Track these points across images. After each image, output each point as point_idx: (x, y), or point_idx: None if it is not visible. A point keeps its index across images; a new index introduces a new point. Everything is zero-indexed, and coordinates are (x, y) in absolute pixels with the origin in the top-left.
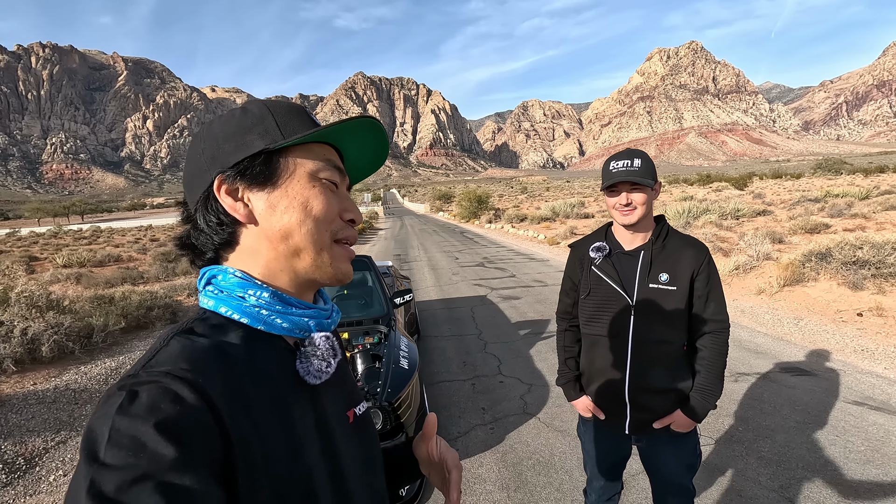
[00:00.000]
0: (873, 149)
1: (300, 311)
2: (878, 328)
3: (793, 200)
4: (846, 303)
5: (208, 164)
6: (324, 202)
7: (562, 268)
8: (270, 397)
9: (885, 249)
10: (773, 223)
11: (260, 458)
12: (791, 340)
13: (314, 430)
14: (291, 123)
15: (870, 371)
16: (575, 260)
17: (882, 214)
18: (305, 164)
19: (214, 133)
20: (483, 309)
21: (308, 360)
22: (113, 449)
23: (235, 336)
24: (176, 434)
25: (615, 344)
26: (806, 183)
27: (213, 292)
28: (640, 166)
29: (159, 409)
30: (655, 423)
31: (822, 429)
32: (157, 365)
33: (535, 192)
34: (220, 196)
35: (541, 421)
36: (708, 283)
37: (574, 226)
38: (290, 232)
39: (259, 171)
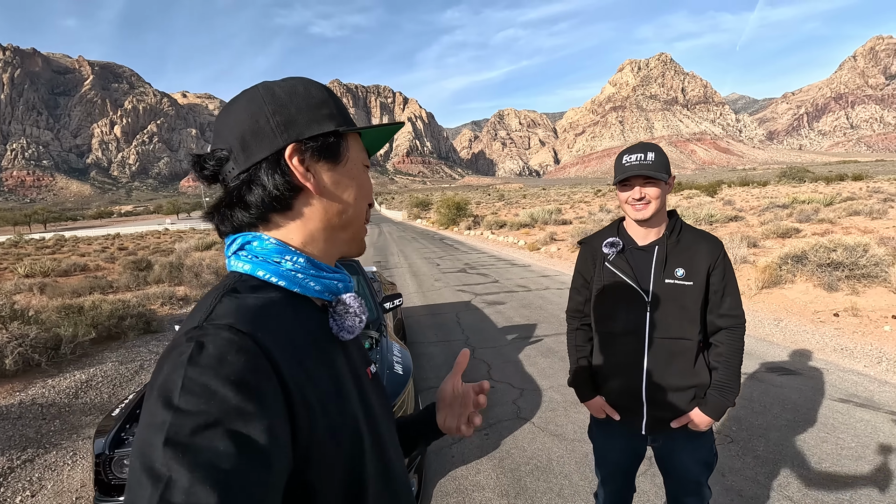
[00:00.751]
0: (832, 158)
1: (330, 274)
2: (855, 328)
3: (762, 207)
4: (823, 303)
5: (280, 129)
6: (369, 185)
7: (544, 272)
8: (315, 348)
9: (857, 252)
10: (746, 228)
11: (315, 399)
12: (773, 341)
13: (350, 378)
14: (344, 112)
15: (851, 369)
16: (587, 256)
17: (846, 219)
18: (356, 149)
19: (282, 101)
20: (468, 314)
21: (341, 317)
22: (187, 395)
23: (276, 295)
24: (243, 383)
25: (631, 341)
26: (772, 190)
27: (247, 257)
28: (653, 160)
29: (226, 360)
30: (673, 421)
31: (813, 427)
32: (217, 318)
33: (512, 200)
34: (291, 163)
35: (535, 425)
36: (724, 277)
37: (553, 231)
38: (346, 207)
39: (333, 149)
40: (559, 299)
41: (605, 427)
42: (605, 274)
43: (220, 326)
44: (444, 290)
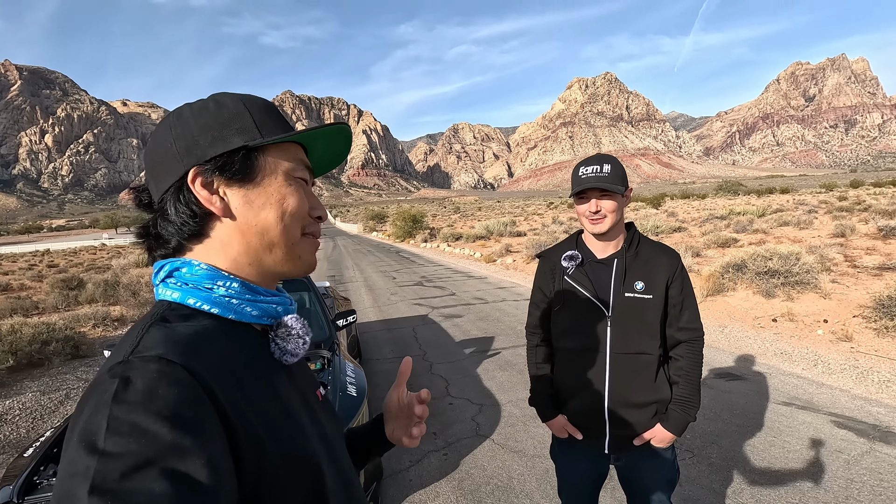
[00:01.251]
0: (762, 172)
1: (268, 298)
2: (792, 332)
3: (702, 218)
4: (762, 310)
5: (181, 154)
6: (298, 200)
7: (500, 284)
8: (256, 375)
9: (790, 260)
10: (689, 239)
11: (261, 426)
12: (719, 347)
13: (299, 402)
14: (267, 122)
15: (791, 372)
16: (546, 270)
17: (777, 230)
18: (282, 163)
19: (187, 123)
20: (425, 329)
21: (284, 341)
22: (113, 437)
23: (209, 323)
24: (177, 416)
25: (592, 357)
26: (711, 203)
27: (176, 284)
28: (609, 172)
29: (156, 394)
30: (636, 439)
31: (761, 431)
32: (145, 350)
33: (467, 212)
34: (194, 188)
35: (495, 442)
36: (682, 290)
37: (509, 243)
38: (266, 228)
39: (239, 168)
40: (516, 311)
41: (567, 447)
42: (565, 288)
43: (147, 358)
44: (401, 304)
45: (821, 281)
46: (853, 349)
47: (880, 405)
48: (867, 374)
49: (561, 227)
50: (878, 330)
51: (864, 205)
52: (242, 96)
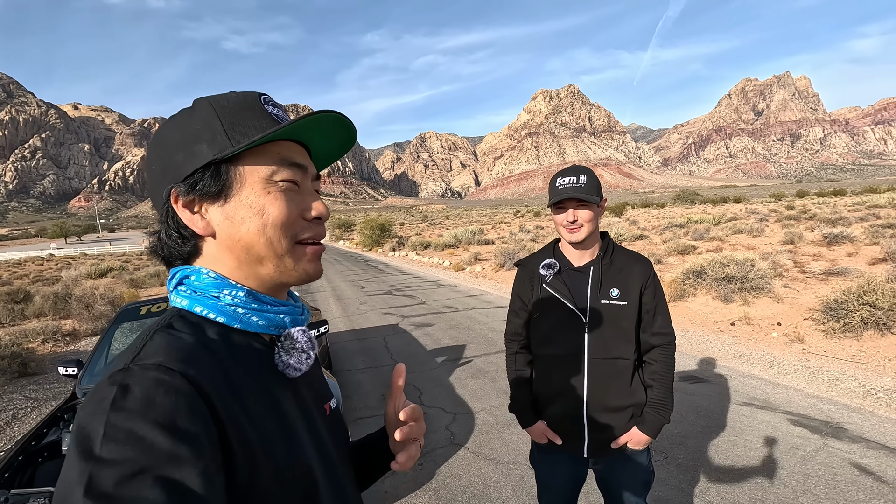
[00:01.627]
0: (716, 182)
1: (275, 308)
2: (749, 335)
3: (662, 226)
4: (721, 314)
5: (160, 176)
6: (280, 208)
7: (470, 292)
8: (256, 387)
9: (746, 266)
10: (651, 246)
11: (257, 441)
12: (683, 351)
13: (301, 418)
14: (241, 124)
15: (749, 374)
16: (524, 278)
17: (732, 237)
18: (258, 169)
19: (164, 140)
20: (396, 338)
21: (288, 353)
22: (109, 444)
23: (214, 333)
24: (173, 425)
25: (571, 363)
26: (669, 211)
27: (186, 292)
28: (585, 183)
29: (154, 402)
30: (613, 442)
31: (724, 431)
32: (146, 357)
33: (435, 220)
34: (177, 209)
35: (470, 451)
36: (655, 296)
37: (477, 252)
38: (249, 243)
39: (209, 184)
40: (486, 319)
41: (547, 452)
42: (543, 296)
43: (147, 366)
44: (371, 314)
45: (774, 286)
46: (805, 350)
47: (830, 402)
48: (818, 374)
49: (528, 234)
50: (826, 332)
51: (809, 213)
52: (214, 99)
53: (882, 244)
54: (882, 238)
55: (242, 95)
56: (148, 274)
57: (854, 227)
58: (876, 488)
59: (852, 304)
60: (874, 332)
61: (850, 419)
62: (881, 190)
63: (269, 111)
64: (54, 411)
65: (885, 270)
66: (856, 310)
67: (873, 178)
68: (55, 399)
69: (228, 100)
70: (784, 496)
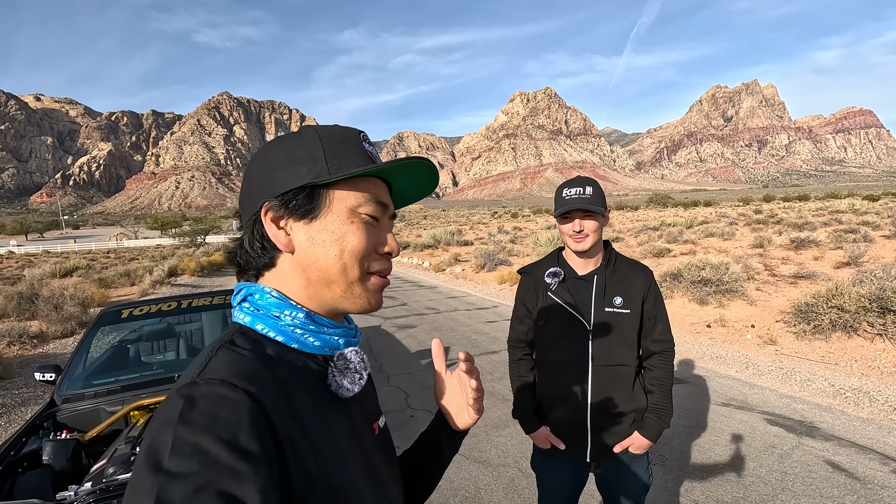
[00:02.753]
0: (687, 186)
1: (331, 330)
2: (724, 337)
3: (636, 229)
4: (697, 316)
5: (258, 189)
6: (360, 238)
7: (451, 294)
8: (311, 407)
9: (721, 269)
10: (627, 249)
11: (311, 460)
12: None
13: (352, 438)
14: (340, 155)
15: (726, 375)
16: (529, 286)
17: (704, 240)
18: (347, 198)
19: (269, 158)
20: (379, 340)
21: (341, 374)
22: (177, 457)
23: (272, 351)
24: (236, 441)
25: (575, 370)
26: (643, 214)
27: (249, 309)
28: (591, 194)
29: (218, 417)
30: (616, 446)
31: (705, 431)
32: (210, 373)
33: (413, 221)
34: (265, 222)
35: (459, 454)
36: (656, 304)
37: (457, 253)
38: (324, 266)
39: (300, 204)
40: (469, 320)
41: (549, 457)
42: (548, 303)
43: (212, 381)
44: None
45: (747, 289)
46: (777, 352)
47: (804, 402)
48: (791, 375)
49: (507, 236)
50: (797, 334)
51: (776, 217)
52: (323, 128)
53: (846, 248)
54: (845, 243)
55: (345, 130)
56: (117, 273)
57: (819, 232)
58: (849, 485)
59: (821, 308)
60: (842, 334)
61: (822, 418)
62: (842, 196)
63: (366, 148)
64: (32, 419)
65: (851, 274)
66: (825, 313)
67: (834, 183)
68: (24, 405)
69: (333, 131)
70: (764, 493)
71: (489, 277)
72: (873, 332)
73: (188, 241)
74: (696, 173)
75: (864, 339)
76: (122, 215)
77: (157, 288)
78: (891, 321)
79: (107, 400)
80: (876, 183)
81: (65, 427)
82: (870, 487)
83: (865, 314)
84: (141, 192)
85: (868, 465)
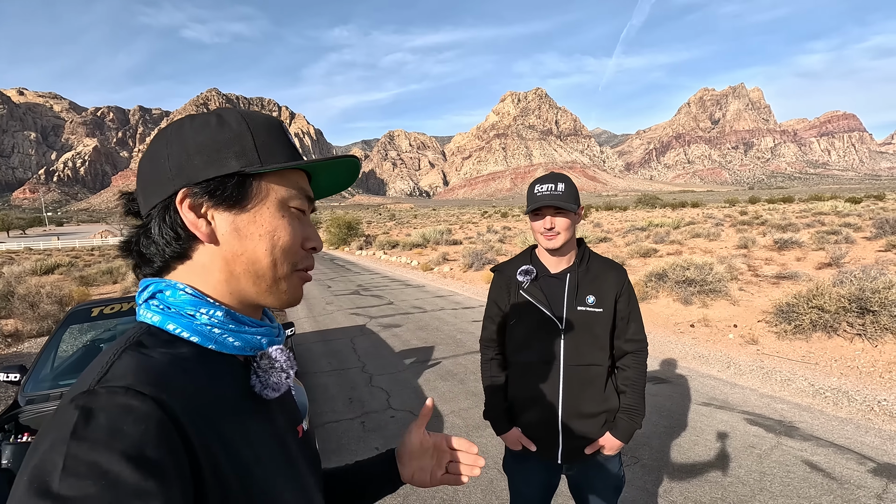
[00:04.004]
0: (675, 187)
1: (252, 329)
2: (707, 337)
3: (625, 229)
4: (681, 316)
5: (173, 172)
6: (290, 233)
7: (438, 293)
8: (230, 412)
9: (705, 270)
10: (615, 249)
11: (231, 472)
12: None
13: (274, 442)
14: (270, 146)
15: (708, 374)
16: (501, 284)
17: (691, 241)
18: (278, 191)
19: (185, 140)
20: (364, 339)
21: (266, 374)
22: (69, 479)
23: (187, 353)
24: (142, 457)
25: (546, 370)
26: (631, 214)
27: (158, 307)
28: (563, 191)
29: (121, 431)
30: (587, 448)
31: (685, 431)
32: (113, 379)
33: (403, 220)
34: (181, 209)
35: None
36: (629, 303)
37: (446, 252)
38: (252, 259)
39: (231, 194)
40: (455, 320)
41: (521, 459)
42: (520, 302)
43: (114, 389)
44: (337, 314)
45: (730, 289)
46: (759, 351)
47: (783, 402)
48: (771, 374)
49: (496, 235)
50: (778, 333)
51: (761, 219)
52: (248, 114)
53: (827, 250)
54: (827, 244)
55: (268, 118)
56: (100, 271)
57: (802, 233)
58: (826, 485)
59: (802, 308)
60: (822, 334)
61: (801, 418)
62: (825, 198)
63: (290, 139)
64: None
65: (831, 275)
66: (805, 313)
67: (818, 186)
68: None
69: (258, 118)
70: (742, 494)
71: (477, 277)
72: (853, 332)
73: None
74: (684, 174)
75: (843, 339)
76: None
77: None
78: (870, 321)
79: None
80: (858, 186)
81: (27, 430)
82: (846, 487)
83: (845, 314)
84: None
85: (845, 465)
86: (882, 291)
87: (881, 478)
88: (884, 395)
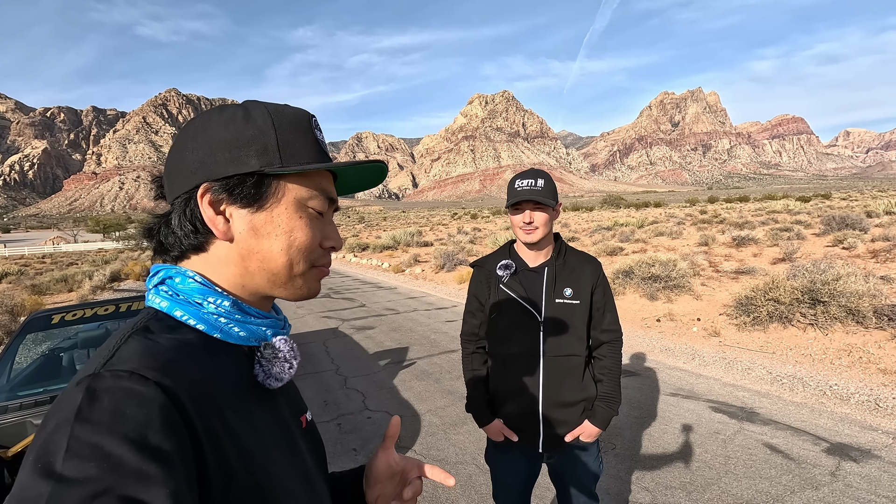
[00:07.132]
0: (638, 188)
1: (258, 320)
2: (673, 330)
3: (591, 229)
4: (648, 311)
5: (196, 167)
6: (307, 234)
7: (410, 294)
8: (235, 399)
9: (669, 266)
10: (582, 247)
11: (234, 457)
12: None
13: (279, 431)
14: (293, 144)
15: (674, 366)
16: (481, 279)
17: (654, 239)
18: (297, 190)
19: (209, 136)
20: (337, 342)
21: (269, 363)
22: (72, 460)
23: (193, 340)
24: (144, 441)
25: (527, 362)
26: (597, 215)
27: (167, 293)
28: (542, 186)
29: (124, 414)
30: (567, 436)
31: (655, 421)
32: (119, 363)
33: (372, 222)
34: (201, 204)
35: (417, 453)
36: (604, 295)
37: (417, 253)
38: (267, 258)
39: (247, 192)
40: (428, 320)
41: (503, 450)
42: (500, 296)
43: (119, 373)
44: (308, 318)
45: (693, 284)
46: (721, 343)
47: (745, 390)
48: (733, 364)
49: (466, 237)
50: (738, 325)
51: (720, 217)
52: (274, 109)
53: (781, 246)
54: (780, 240)
55: (296, 113)
56: (53, 279)
57: (757, 231)
58: (785, 465)
59: (759, 300)
60: (778, 325)
61: (761, 404)
62: (777, 197)
63: (318, 137)
64: None
65: (785, 269)
66: (762, 305)
67: (771, 186)
68: None
69: (285, 114)
70: (709, 477)
71: (448, 277)
72: (805, 322)
73: (133, 244)
74: (646, 175)
75: (797, 328)
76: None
77: (99, 293)
78: (821, 312)
79: (34, 412)
80: (807, 185)
81: None
82: (803, 466)
83: (798, 306)
84: (81, 193)
85: (802, 446)
86: (831, 283)
87: (834, 456)
88: (835, 380)
